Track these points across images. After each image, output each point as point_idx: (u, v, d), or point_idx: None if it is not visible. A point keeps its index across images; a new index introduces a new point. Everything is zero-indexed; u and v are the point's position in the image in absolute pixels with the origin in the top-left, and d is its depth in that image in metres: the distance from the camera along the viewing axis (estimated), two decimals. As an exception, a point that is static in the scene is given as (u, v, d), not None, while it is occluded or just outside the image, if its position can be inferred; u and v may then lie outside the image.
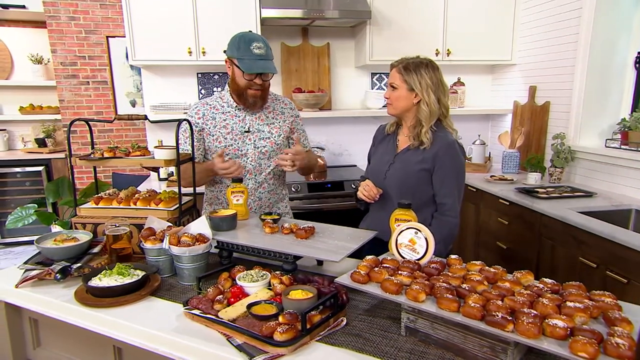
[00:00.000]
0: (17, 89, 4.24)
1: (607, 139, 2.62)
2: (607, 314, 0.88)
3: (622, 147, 2.50)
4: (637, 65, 2.64)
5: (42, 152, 4.14)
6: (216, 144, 1.80)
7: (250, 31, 1.75)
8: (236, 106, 1.82)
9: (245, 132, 1.80)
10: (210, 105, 1.84)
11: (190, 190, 1.79)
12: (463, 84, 3.49)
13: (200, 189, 1.79)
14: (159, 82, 3.20)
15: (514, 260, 2.51)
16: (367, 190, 1.63)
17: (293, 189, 2.86)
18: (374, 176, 1.71)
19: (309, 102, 3.17)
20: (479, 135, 3.36)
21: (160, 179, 3.06)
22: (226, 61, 1.76)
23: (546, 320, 0.85)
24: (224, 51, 1.76)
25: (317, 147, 3.35)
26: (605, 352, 0.77)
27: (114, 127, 4.27)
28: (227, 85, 1.84)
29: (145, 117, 1.62)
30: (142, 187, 2.61)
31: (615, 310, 0.89)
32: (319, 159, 3.21)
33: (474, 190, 2.86)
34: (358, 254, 1.31)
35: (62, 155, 4.17)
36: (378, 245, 1.41)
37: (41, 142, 4.21)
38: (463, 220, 3.00)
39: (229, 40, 1.74)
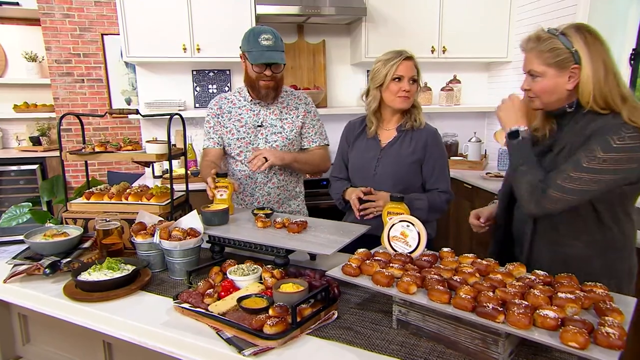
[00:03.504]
0: (11, 87, 4.21)
1: (602, 136, 2.61)
2: (598, 304, 0.88)
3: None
4: (632, 61, 2.64)
5: (36, 151, 4.11)
6: (229, 136, 1.83)
7: (262, 25, 1.75)
8: (251, 100, 1.83)
9: (258, 126, 1.82)
10: (228, 99, 1.87)
11: (182, 186, 1.78)
12: (459, 82, 3.49)
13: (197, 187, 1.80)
14: (154, 79, 3.18)
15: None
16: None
17: (288, 186, 2.84)
18: (361, 173, 1.71)
19: (305, 99, 3.16)
20: (475, 133, 3.36)
21: (155, 177, 3.04)
22: (241, 56, 1.78)
23: (537, 311, 0.84)
24: (240, 47, 1.77)
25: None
26: (595, 341, 0.76)
27: (109, 125, 4.25)
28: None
29: (137, 112, 1.61)
30: (136, 185, 2.59)
31: (606, 300, 0.89)
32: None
33: (470, 187, 2.86)
34: (350, 251, 1.30)
35: (56, 153, 4.14)
36: (369, 242, 1.40)
37: (35, 141, 4.19)
38: (458, 217, 3.01)
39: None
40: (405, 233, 1.18)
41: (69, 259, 1.35)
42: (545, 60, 1.18)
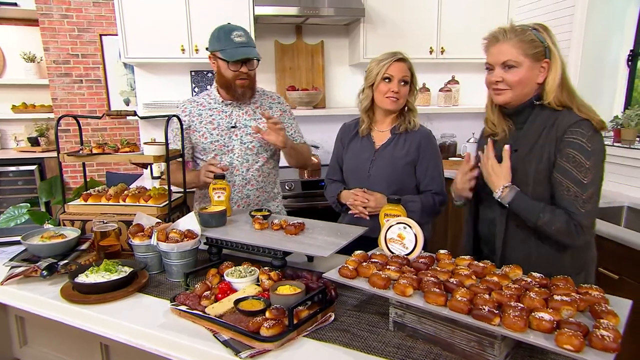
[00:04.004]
0: (10, 88, 4.20)
1: (599, 137, 2.62)
2: (593, 307, 0.88)
3: (615, 144, 2.50)
4: (630, 62, 2.65)
5: (35, 151, 4.10)
6: (202, 139, 1.79)
7: (229, 23, 1.73)
8: (223, 101, 1.80)
9: (232, 127, 1.79)
10: (197, 102, 1.84)
11: (180, 188, 1.78)
12: (457, 82, 3.49)
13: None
14: (152, 80, 3.18)
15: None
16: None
17: (287, 187, 2.85)
18: (356, 175, 1.72)
19: (303, 100, 3.16)
20: (473, 134, 3.36)
21: (153, 177, 3.04)
22: (210, 57, 1.75)
23: (533, 314, 0.84)
24: (206, 48, 1.74)
25: (312, 146, 3.33)
26: (590, 344, 0.76)
27: (107, 125, 4.25)
28: (214, 82, 1.83)
29: (135, 113, 1.61)
30: (134, 186, 2.59)
31: (602, 303, 0.89)
32: (313, 158, 3.21)
33: (468, 188, 2.86)
34: (347, 252, 1.30)
35: (55, 154, 4.13)
36: (366, 244, 1.40)
37: (34, 141, 4.18)
38: (456, 218, 3.01)
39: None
40: (402, 235, 1.19)
41: (66, 261, 1.35)
42: (525, 51, 1.22)
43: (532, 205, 1.21)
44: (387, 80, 1.62)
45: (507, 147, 1.24)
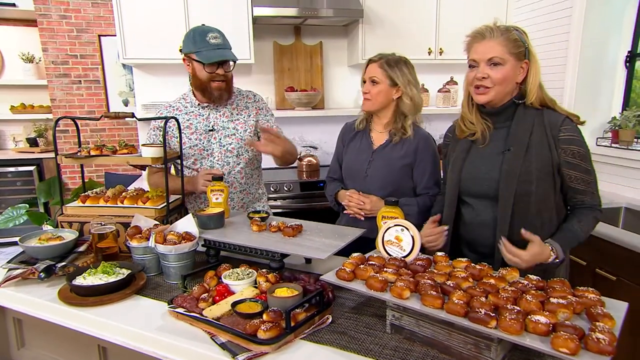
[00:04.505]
0: (8, 88, 4.20)
1: (597, 138, 2.63)
2: (589, 309, 0.88)
3: (613, 145, 2.51)
4: (628, 64, 2.65)
5: (33, 152, 4.10)
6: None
7: (203, 24, 1.72)
8: (199, 104, 1.79)
9: (210, 130, 1.78)
10: (173, 107, 1.82)
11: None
12: (456, 83, 3.49)
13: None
14: (151, 80, 3.18)
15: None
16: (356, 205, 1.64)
17: (285, 188, 2.85)
18: (353, 175, 1.73)
19: (302, 101, 3.16)
20: (472, 134, 3.36)
21: (151, 178, 3.04)
22: (184, 60, 1.72)
23: (529, 317, 0.85)
24: (180, 50, 1.72)
25: (310, 146, 3.34)
26: (586, 347, 0.77)
27: (106, 126, 4.24)
28: (189, 85, 1.81)
29: (133, 115, 1.61)
30: (133, 187, 2.59)
31: (598, 306, 0.89)
32: (311, 158, 3.22)
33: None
34: (346, 253, 1.30)
35: (53, 155, 4.13)
36: (364, 244, 1.40)
37: (32, 142, 4.17)
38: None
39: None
40: (399, 237, 1.19)
41: (64, 263, 1.35)
42: (510, 49, 1.25)
43: (569, 232, 1.26)
44: (364, 82, 1.69)
45: (526, 232, 1.21)
